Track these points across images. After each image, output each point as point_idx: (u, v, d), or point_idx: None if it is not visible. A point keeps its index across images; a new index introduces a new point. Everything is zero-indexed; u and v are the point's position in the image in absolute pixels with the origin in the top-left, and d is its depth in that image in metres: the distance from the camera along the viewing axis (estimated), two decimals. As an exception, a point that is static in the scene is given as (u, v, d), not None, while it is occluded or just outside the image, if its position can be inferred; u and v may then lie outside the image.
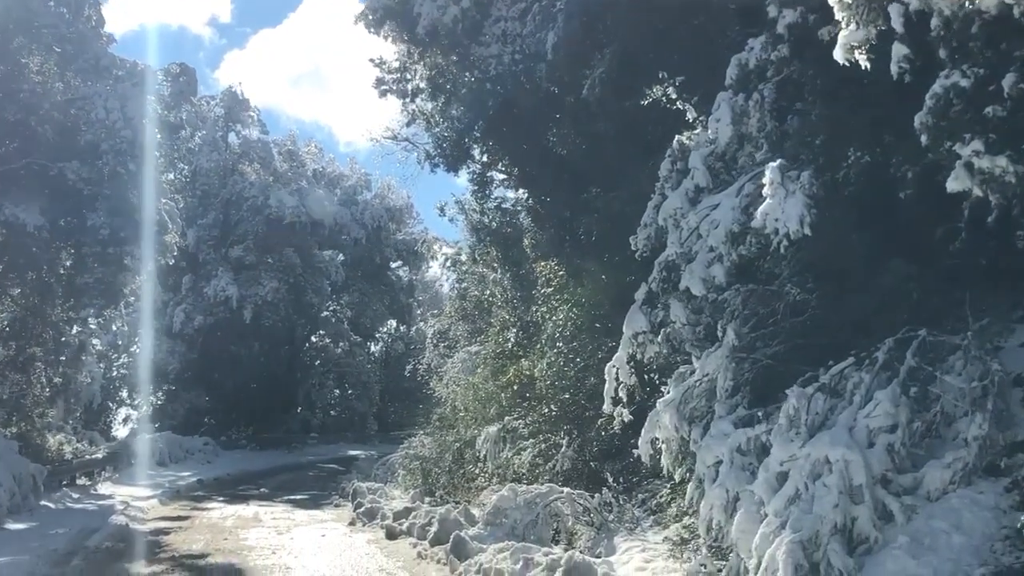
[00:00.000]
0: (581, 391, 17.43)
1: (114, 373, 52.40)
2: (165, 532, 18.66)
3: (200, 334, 49.40)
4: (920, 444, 9.33)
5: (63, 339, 33.08)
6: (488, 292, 33.14)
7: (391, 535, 17.06)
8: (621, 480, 15.32)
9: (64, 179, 27.40)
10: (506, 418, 18.79)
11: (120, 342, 51.09)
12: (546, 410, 17.43)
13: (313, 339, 61.61)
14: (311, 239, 52.92)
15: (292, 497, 27.87)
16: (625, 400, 12.72)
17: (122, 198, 28.06)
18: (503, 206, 35.49)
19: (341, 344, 61.45)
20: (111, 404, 51.61)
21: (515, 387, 21.12)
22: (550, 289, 21.57)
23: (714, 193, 12.69)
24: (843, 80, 10.58)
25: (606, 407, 12.89)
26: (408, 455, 29.17)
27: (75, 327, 34.37)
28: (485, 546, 13.43)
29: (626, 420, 12.87)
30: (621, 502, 14.41)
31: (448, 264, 42.84)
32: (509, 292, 27.02)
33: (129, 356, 52.38)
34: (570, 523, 13.96)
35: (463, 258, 42.54)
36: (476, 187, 35.60)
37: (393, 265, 63.52)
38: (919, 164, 9.79)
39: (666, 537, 13.08)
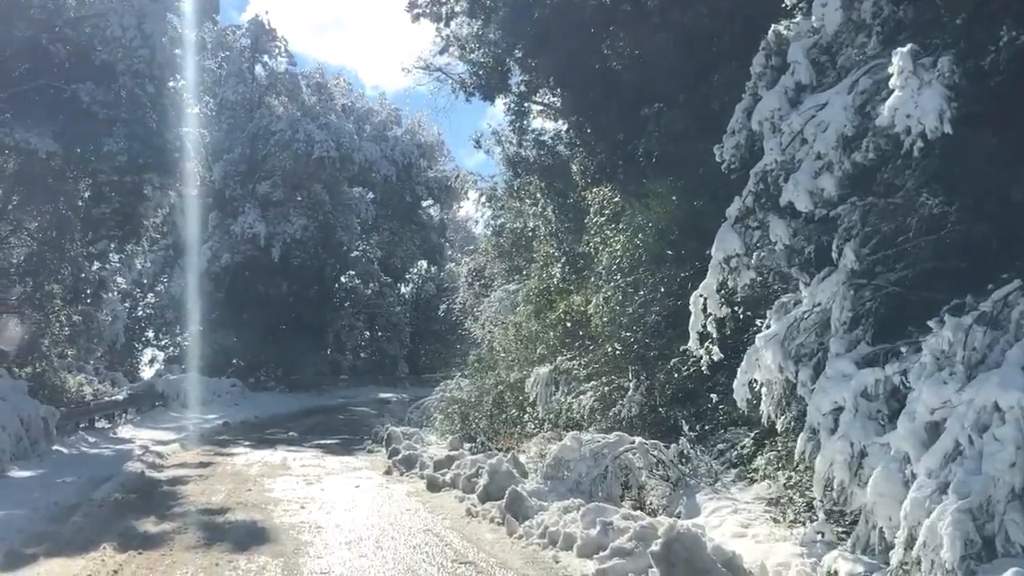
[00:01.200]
0: (643, 328, 15.50)
1: (139, 312, 51.09)
2: (183, 481, 16.98)
3: (227, 273, 47.78)
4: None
5: (82, 275, 31.39)
6: (529, 226, 31.12)
7: (433, 487, 15.27)
8: (697, 428, 13.42)
9: (78, 102, 25.47)
10: (558, 358, 16.84)
11: (145, 281, 49.64)
12: (608, 349, 15.45)
13: (343, 280, 60.10)
14: (340, 175, 50.96)
15: (322, 442, 26.25)
16: (715, 335, 10.76)
17: (140, 122, 26.11)
18: (540, 138, 33.73)
19: (371, 285, 59.92)
20: (136, 345, 50.33)
21: (566, 325, 19.23)
22: (602, 218, 19.58)
23: (819, 91, 10.60)
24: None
25: (691, 344, 10.96)
26: (445, 399, 27.51)
27: (95, 263, 32.66)
28: (546, 504, 11.61)
29: (715, 359, 10.91)
30: (698, 453, 12.51)
31: (483, 200, 40.70)
32: (554, 224, 24.99)
33: (155, 295, 50.97)
34: (643, 477, 12.06)
35: (499, 193, 40.58)
36: (513, 117, 33.70)
37: (424, 204, 61.64)
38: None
39: (758, 496, 11.20)
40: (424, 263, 66.25)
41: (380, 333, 62.11)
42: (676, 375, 13.68)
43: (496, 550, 10.40)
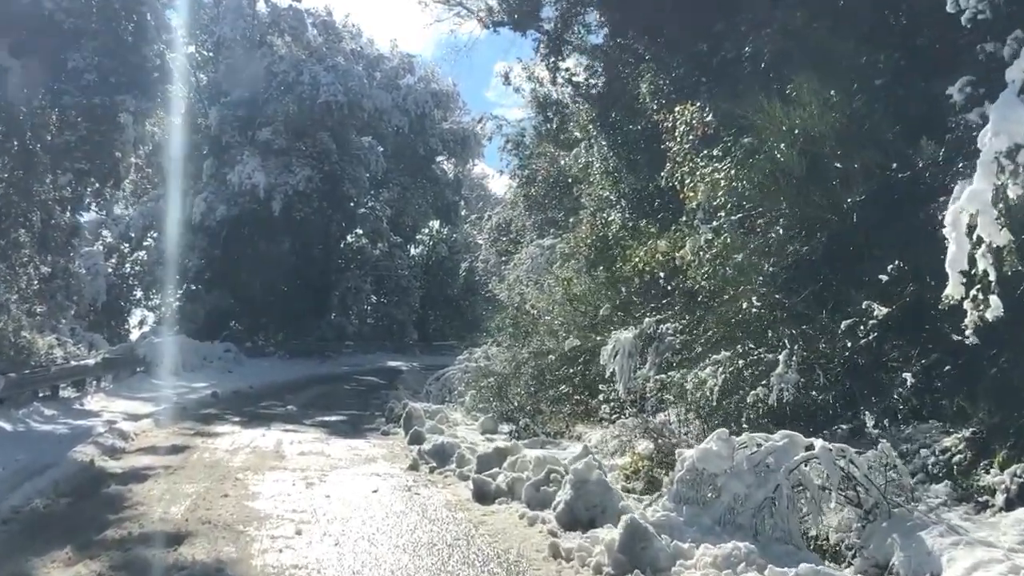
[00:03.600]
0: (770, 282, 11.13)
1: (126, 269, 46.79)
2: (141, 476, 12.70)
3: (223, 227, 43.38)
4: None
5: (52, 221, 27.11)
6: (570, 169, 26.74)
7: (482, 495, 10.93)
8: (884, 424, 9.10)
9: (40, 9, 21.21)
10: (646, 320, 12.42)
11: (133, 234, 45.28)
12: (743, 306, 10.91)
13: (349, 239, 55.70)
14: (348, 123, 46.44)
15: (326, 419, 21.99)
16: (994, 277, 6.43)
17: (113, 35, 21.79)
18: (574, 78, 29.67)
19: (380, 245, 55.54)
20: (123, 304, 46.07)
21: (644, 278, 14.86)
22: (686, 144, 15.20)
23: None
24: None
25: (950, 290, 6.62)
26: (471, 369, 23.36)
27: (68, 209, 28.28)
28: (685, 544, 7.33)
29: (992, 316, 6.58)
30: (900, 463, 8.21)
31: (508, 147, 36.29)
32: (610, 161, 20.54)
33: (144, 250, 46.60)
34: (832, 502, 7.76)
35: (526, 140, 36.18)
36: (547, 51, 29.51)
37: (438, 159, 57.02)
38: None
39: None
40: (436, 223, 61.87)
41: (388, 297, 57.83)
42: (849, 343, 9.32)
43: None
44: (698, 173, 13.99)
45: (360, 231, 55.25)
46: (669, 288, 13.52)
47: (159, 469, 13.35)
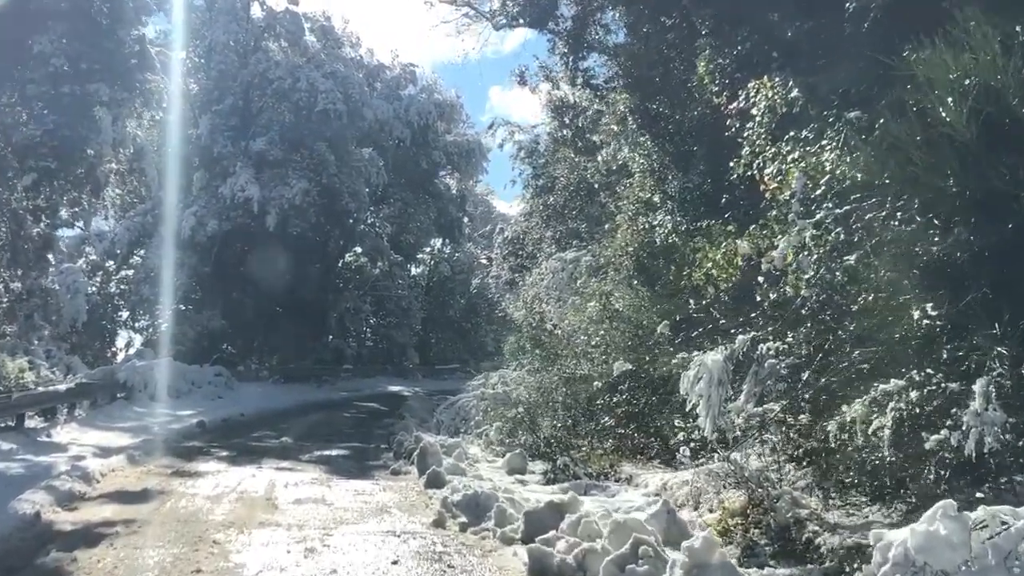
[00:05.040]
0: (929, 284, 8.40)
1: (112, 288, 43.99)
2: (94, 538, 9.97)
3: (214, 243, 40.62)
4: None
5: (22, 232, 24.52)
6: (595, 174, 24.16)
7: (542, 571, 8.19)
8: None
9: (1, -12, 18.65)
10: (738, 339, 9.69)
11: (119, 251, 42.49)
12: (866, 325, 8.16)
13: (348, 257, 53.00)
14: (348, 133, 43.83)
15: (326, 453, 19.28)
16: None
17: (85, 16, 19.15)
18: (592, 82, 27.56)
19: (380, 264, 53.07)
20: (107, 325, 43.21)
21: (719, 287, 12.15)
22: (763, 127, 12.59)
23: None
24: None
25: None
26: (490, 397, 20.76)
27: (42, 218, 25.65)
28: None
29: None
30: None
31: (522, 155, 33.70)
32: (654, 158, 17.86)
33: (130, 268, 43.80)
34: None
35: (540, 147, 33.64)
36: (568, 47, 27.19)
37: (441, 173, 54.36)
38: None
39: None
40: (438, 242, 59.36)
41: (388, 319, 55.21)
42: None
43: None
44: (789, 158, 11.40)
45: (359, 249, 52.68)
46: (758, 299, 10.80)
47: (119, 526, 10.58)
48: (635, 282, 16.67)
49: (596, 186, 24.70)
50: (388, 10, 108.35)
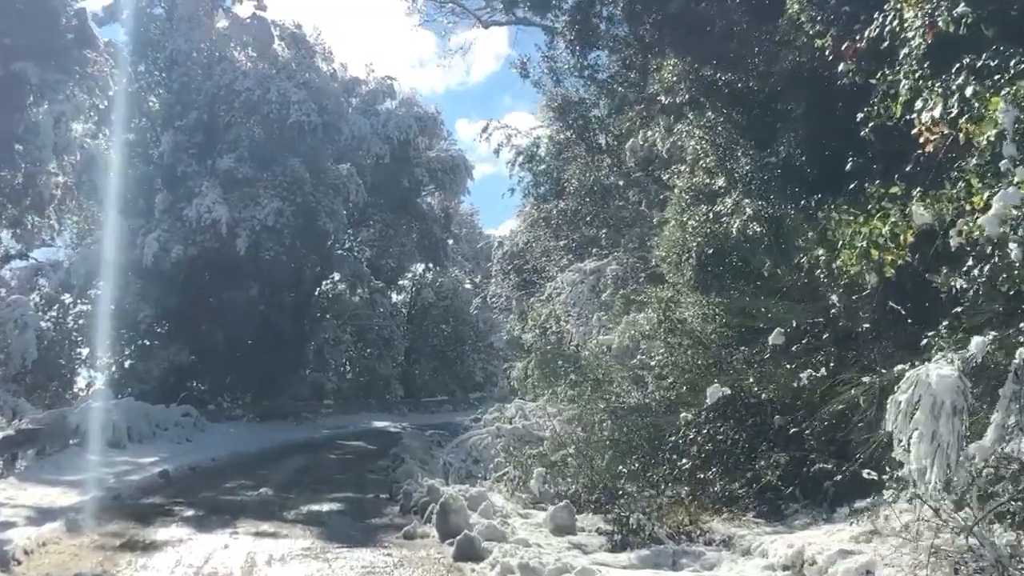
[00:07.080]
0: None
1: (69, 323, 40.19)
2: None
3: (179, 270, 36.85)
4: None
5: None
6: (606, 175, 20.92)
7: None
8: None
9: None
10: (974, 342, 6.26)
11: (75, 283, 38.71)
12: None
13: (325, 284, 49.57)
14: (324, 148, 40.37)
15: (315, 508, 15.77)
16: None
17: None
18: (597, 76, 24.94)
19: (360, 291, 49.82)
20: (63, 363, 39.42)
21: (870, 277, 8.72)
22: (920, 46, 9.27)
23: None
24: None
25: None
26: (509, 433, 17.42)
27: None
28: None
29: None
30: None
31: (520, 161, 30.45)
32: (719, 132, 14.45)
33: (87, 301, 40.00)
34: None
35: (541, 152, 30.41)
36: (575, 35, 24.40)
37: (423, 192, 50.96)
38: None
39: None
40: (420, 267, 56.08)
41: (369, 350, 51.85)
42: None
43: None
44: (968, 91, 8.08)
45: (337, 275, 49.13)
46: (948, 287, 7.42)
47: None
48: (701, 284, 13.28)
49: (621, 183, 21.42)
50: (357, 30, 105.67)
